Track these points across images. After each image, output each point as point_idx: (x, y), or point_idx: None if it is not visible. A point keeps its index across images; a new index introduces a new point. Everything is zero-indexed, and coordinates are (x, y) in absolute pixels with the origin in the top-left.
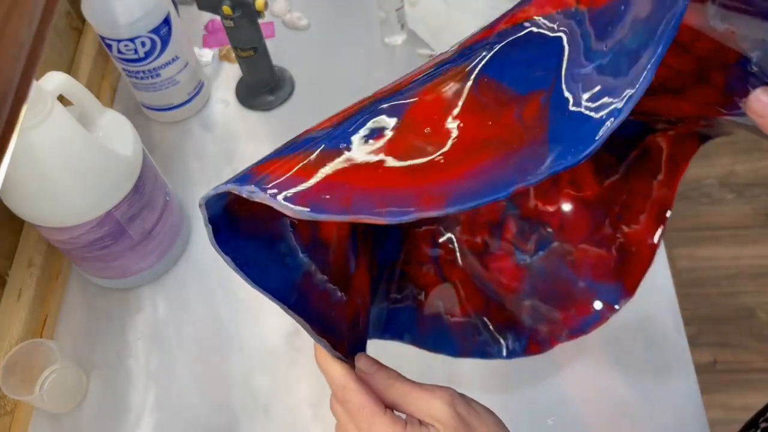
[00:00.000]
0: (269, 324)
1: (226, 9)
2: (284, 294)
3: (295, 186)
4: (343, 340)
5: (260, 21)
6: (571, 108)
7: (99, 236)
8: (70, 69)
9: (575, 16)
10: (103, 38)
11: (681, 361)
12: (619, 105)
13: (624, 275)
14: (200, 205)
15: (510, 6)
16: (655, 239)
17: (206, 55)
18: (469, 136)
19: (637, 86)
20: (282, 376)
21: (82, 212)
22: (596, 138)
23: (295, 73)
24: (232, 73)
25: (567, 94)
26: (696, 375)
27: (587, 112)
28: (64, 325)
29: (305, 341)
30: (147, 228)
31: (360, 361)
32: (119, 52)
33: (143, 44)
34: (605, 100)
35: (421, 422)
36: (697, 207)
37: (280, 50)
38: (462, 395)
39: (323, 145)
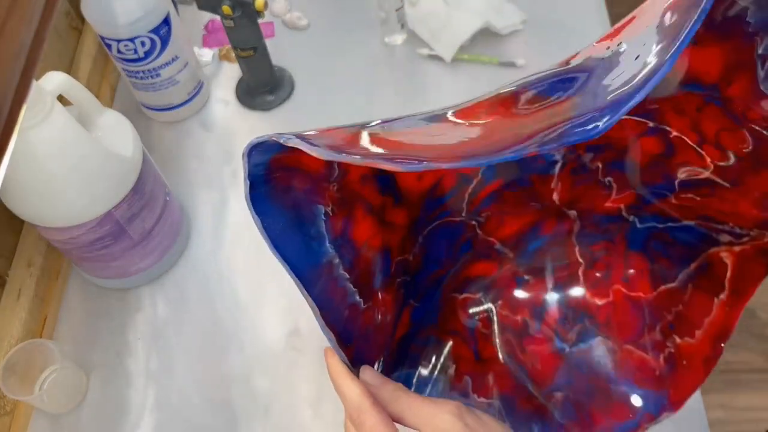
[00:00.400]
0: (269, 324)
1: (226, 9)
2: (300, 271)
3: (327, 141)
4: (352, 344)
5: (260, 21)
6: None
7: (99, 236)
8: (69, 69)
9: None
10: (102, 38)
11: None
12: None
13: (671, 386)
14: (243, 155)
15: (508, 6)
16: (712, 358)
17: (206, 54)
18: (499, 124)
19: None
20: (282, 376)
21: (81, 212)
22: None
23: (294, 73)
24: (231, 73)
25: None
26: None
27: (610, 92)
28: (63, 325)
29: (305, 341)
30: (147, 228)
31: (365, 374)
32: (119, 52)
33: (143, 44)
34: (623, 79)
35: None
36: None
37: (279, 50)
38: (468, 408)
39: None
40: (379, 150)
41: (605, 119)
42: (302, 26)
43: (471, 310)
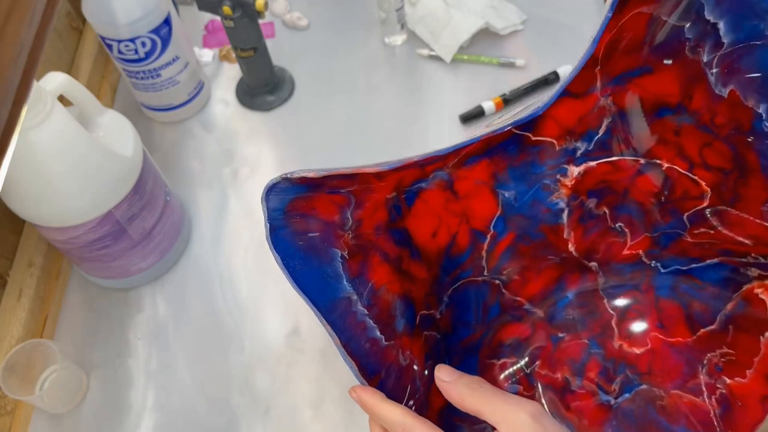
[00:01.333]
0: (270, 324)
1: (226, 9)
2: (319, 303)
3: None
4: (375, 377)
5: (260, 21)
6: None
7: (99, 236)
8: (70, 69)
9: None
10: (103, 38)
11: None
12: None
13: (728, 428)
14: (261, 199)
15: (508, 7)
16: (764, 401)
17: (206, 55)
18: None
19: None
20: (282, 376)
21: (82, 212)
22: None
23: (295, 73)
24: (232, 73)
25: None
26: None
27: None
28: (64, 325)
29: (305, 341)
30: (147, 228)
31: (441, 371)
32: (119, 52)
33: (143, 44)
34: None
35: None
36: None
37: (280, 50)
38: (547, 412)
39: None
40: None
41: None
42: (302, 26)
43: (510, 375)
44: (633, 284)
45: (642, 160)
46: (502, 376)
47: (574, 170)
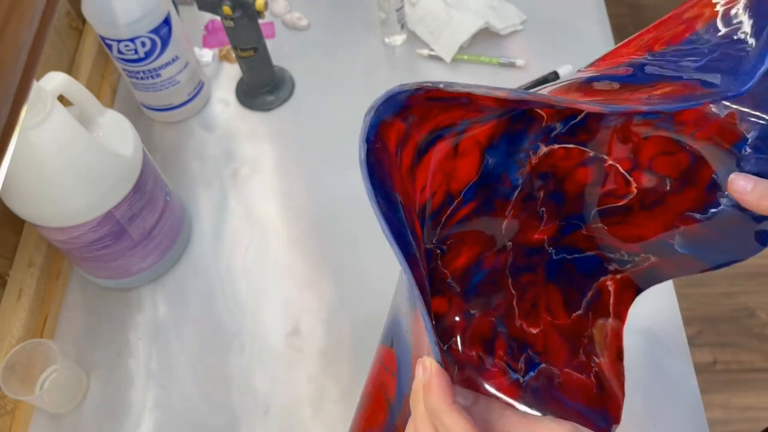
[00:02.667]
0: (269, 324)
1: (226, 9)
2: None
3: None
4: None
5: (260, 21)
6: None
7: (99, 236)
8: (70, 69)
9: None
10: (103, 38)
11: (681, 361)
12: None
13: (606, 403)
14: (372, 108)
15: (507, 7)
16: (620, 375)
17: (206, 55)
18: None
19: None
20: (282, 376)
21: (82, 212)
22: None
23: (295, 73)
24: (232, 73)
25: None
26: (696, 375)
27: None
28: (64, 325)
29: (305, 341)
30: (147, 228)
31: (458, 395)
32: (119, 52)
33: (143, 44)
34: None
35: None
36: None
37: (280, 50)
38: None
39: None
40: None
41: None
42: (302, 26)
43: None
44: (531, 268)
45: (591, 153)
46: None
47: (543, 149)
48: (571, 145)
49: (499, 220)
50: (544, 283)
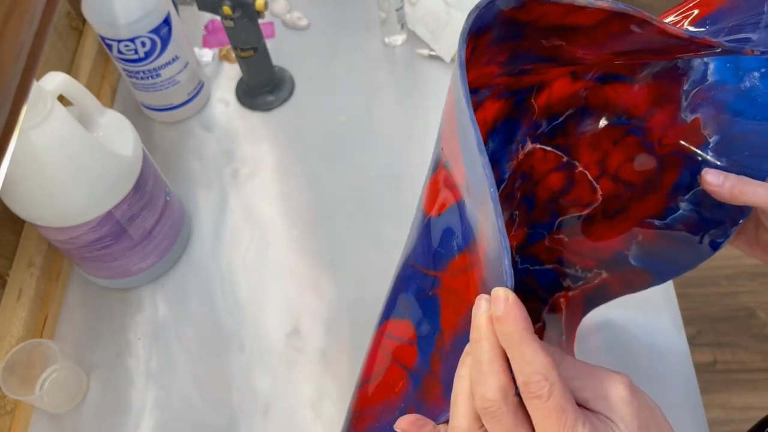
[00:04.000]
0: (269, 324)
1: (226, 9)
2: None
3: None
4: None
5: (260, 21)
6: None
7: (99, 236)
8: (70, 69)
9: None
10: (103, 38)
11: (681, 361)
12: None
13: None
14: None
15: None
16: None
17: (206, 55)
18: None
19: None
20: (282, 376)
21: (82, 212)
22: None
23: (295, 73)
24: (232, 73)
25: None
26: (696, 375)
27: None
28: (64, 325)
29: (305, 341)
30: (147, 228)
31: None
32: (119, 52)
33: (143, 44)
34: None
35: (595, 414)
36: None
37: (280, 50)
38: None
39: None
40: None
41: None
42: (302, 26)
43: None
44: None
45: (564, 158)
46: None
47: (528, 146)
48: (549, 148)
49: None
50: None
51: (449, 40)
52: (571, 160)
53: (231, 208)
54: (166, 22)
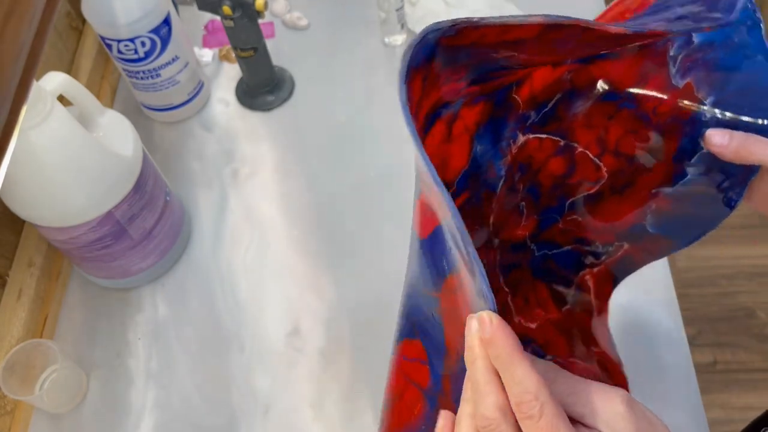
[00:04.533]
0: (269, 324)
1: (226, 9)
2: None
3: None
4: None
5: (260, 21)
6: None
7: (99, 236)
8: (70, 69)
9: None
10: (103, 38)
11: (681, 361)
12: None
13: (615, 383)
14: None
15: (507, 6)
16: (618, 361)
17: (206, 55)
18: None
19: None
20: (282, 376)
21: (82, 212)
22: None
23: (294, 73)
24: (232, 73)
25: None
26: (696, 375)
27: None
28: (64, 325)
29: (305, 341)
30: (147, 228)
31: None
32: (119, 52)
33: (143, 44)
34: None
35: (591, 430)
36: None
37: (280, 50)
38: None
39: None
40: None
41: None
42: (302, 26)
43: None
44: (517, 264)
45: (561, 142)
46: None
47: (521, 139)
48: (544, 136)
49: (487, 213)
50: (532, 279)
51: None
52: (569, 142)
53: (231, 208)
54: (166, 22)
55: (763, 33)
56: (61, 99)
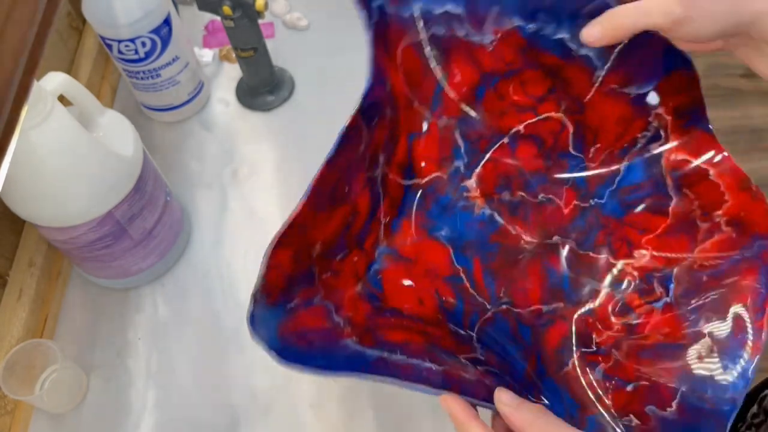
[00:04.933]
0: None
1: (226, 9)
2: (361, 369)
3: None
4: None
5: (260, 21)
6: None
7: (99, 236)
8: (70, 69)
9: None
10: (103, 38)
11: None
12: None
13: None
14: (253, 337)
15: None
16: None
17: (206, 55)
18: None
19: None
20: (282, 376)
21: (82, 212)
22: None
23: (295, 74)
24: (232, 73)
25: None
26: None
27: None
28: (64, 325)
29: None
30: (147, 228)
31: (502, 394)
32: (119, 52)
33: (143, 44)
34: None
35: None
36: None
37: (280, 50)
38: None
39: None
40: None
41: None
42: (302, 27)
43: (588, 370)
44: (590, 227)
45: (506, 139)
46: (582, 375)
47: (471, 183)
48: (487, 155)
49: (516, 242)
50: (619, 226)
51: None
52: (508, 133)
53: (231, 208)
54: (167, 22)
55: None
56: (62, 99)
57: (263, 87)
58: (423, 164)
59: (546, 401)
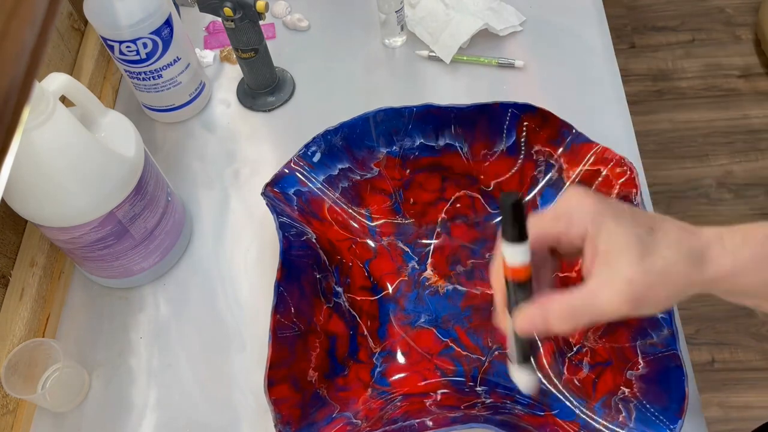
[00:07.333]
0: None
1: (227, 11)
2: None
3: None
4: None
5: (261, 22)
6: None
7: (101, 236)
8: (72, 70)
9: None
10: (105, 39)
11: None
12: None
13: None
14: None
15: (506, 8)
16: None
17: (207, 56)
18: None
19: None
20: None
21: (84, 212)
22: None
23: (295, 74)
24: (233, 74)
25: None
26: (694, 374)
27: None
28: (66, 324)
29: None
30: (149, 228)
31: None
32: (121, 53)
33: (145, 45)
34: None
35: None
36: (695, 207)
37: (280, 51)
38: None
39: None
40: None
41: None
42: (303, 28)
43: (577, 369)
44: None
45: (438, 228)
46: (580, 371)
47: (428, 272)
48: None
49: (488, 298)
50: None
51: (449, 42)
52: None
53: (232, 208)
54: (168, 23)
55: None
56: (63, 100)
57: (264, 88)
58: (386, 280)
59: (555, 411)
